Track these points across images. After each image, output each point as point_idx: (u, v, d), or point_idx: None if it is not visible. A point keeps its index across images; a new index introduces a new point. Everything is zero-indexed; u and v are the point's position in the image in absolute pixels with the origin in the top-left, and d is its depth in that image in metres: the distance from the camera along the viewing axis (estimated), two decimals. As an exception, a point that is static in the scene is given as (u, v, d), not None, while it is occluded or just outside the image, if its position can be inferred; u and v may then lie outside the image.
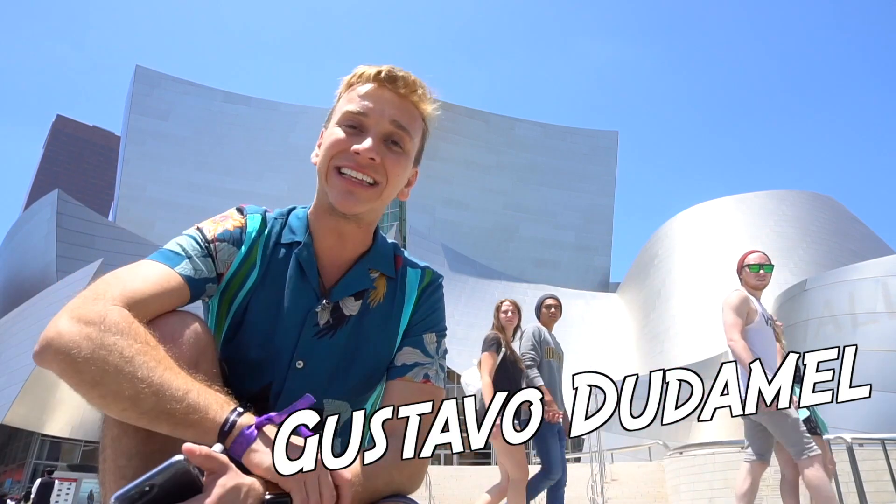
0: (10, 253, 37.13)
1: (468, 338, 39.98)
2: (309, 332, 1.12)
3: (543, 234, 51.69)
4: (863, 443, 7.84)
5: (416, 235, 45.67)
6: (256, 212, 1.20)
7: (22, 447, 28.45)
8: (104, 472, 0.92)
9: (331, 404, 1.14)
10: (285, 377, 1.11)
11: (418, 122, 1.19)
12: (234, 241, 1.14)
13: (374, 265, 1.20)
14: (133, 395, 0.84)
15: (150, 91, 50.44)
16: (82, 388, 0.86)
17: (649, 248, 39.71)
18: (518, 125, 54.98)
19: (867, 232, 35.63)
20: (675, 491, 12.28)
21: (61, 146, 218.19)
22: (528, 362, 4.77)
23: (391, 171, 1.12)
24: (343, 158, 1.10)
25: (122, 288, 0.96)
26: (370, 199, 1.12)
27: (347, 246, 1.18)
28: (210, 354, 1.01)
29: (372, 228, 1.22)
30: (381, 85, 1.14)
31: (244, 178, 49.59)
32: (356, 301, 1.17)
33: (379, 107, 1.13)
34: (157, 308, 0.98)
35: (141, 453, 0.89)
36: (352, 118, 1.13)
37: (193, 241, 1.10)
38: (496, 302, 5.18)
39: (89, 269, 24.63)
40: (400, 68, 1.16)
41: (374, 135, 1.11)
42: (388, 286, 1.21)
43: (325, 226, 1.17)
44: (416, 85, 1.16)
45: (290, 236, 1.18)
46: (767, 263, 4.16)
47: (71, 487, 19.59)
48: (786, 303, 16.26)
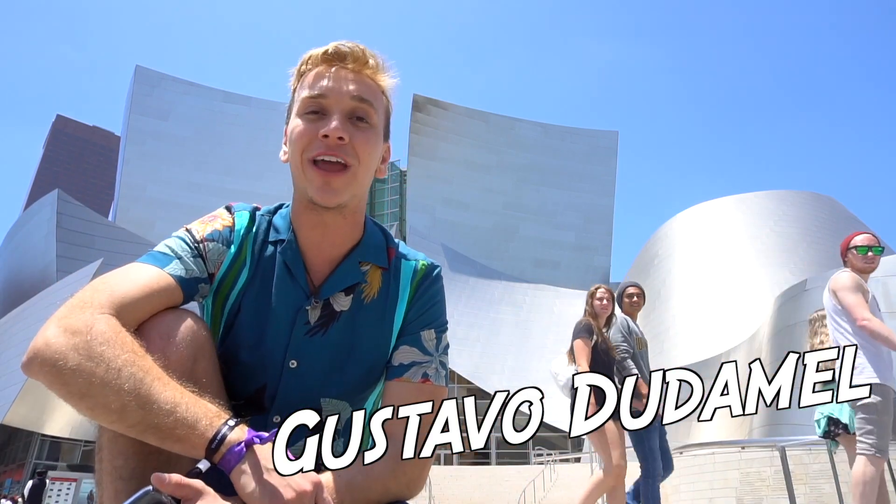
0: (10, 253, 37.15)
1: (468, 338, 40.01)
2: (300, 331, 1.10)
3: (543, 234, 51.66)
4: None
5: (416, 235, 45.67)
6: (245, 209, 1.18)
7: (22, 447, 28.42)
8: (101, 471, 0.91)
9: (329, 403, 1.13)
10: (279, 378, 1.09)
11: (378, 95, 1.13)
12: (224, 240, 1.12)
13: (364, 257, 1.16)
14: (120, 409, 0.82)
15: (150, 91, 50.41)
16: (70, 399, 0.85)
17: (649, 248, 39.70)
18: (518, 125, 54.96)
19: (867, 232, 35.61)
20: (675, 491, 12.27)
21: (61, 146, 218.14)
22: (623, 353, 4.59)
23: (361, 150, 1.08)
24: (314, 147, 1.06)
25: (109, 294, 0.94)
26: (348, 185, 1.07)
27: (335, 240, 1.14)
28: (208, 351, 1.00)
29: (359, 217, 1.17)
30: (331, 63, 1.10)
31: (244, 178, 49.58)
32: (347, 296, 1.14)
33: (336, 85, 1.08)
34: (148, 311, 0.97)
35: (138, 453, 0.88)
36: (311, 103, 1.08)
37: (182, 241, 1.08)
38: (590, 289, 4.82)
39: (89, 269, 24.62)
40: (347, 42, 1.11)
41: (338, 114, 1.07)
42: (382, 280, 1.17)
43: (308, 221, 1.13)
44: (367, 55, 1.11)
45: (275, 235, 1.16)
46: (877, 245, 3.70)
47: (70, 488, 19.60)
48: (786, 303, 16.26)
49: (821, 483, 8.93)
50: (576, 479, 16.03)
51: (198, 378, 0.95)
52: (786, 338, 15.33)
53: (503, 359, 36.88)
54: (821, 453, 8.88)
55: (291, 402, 1.10)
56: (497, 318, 41.08)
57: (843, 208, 37.14)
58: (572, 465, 20.43)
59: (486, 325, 39.82)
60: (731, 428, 18.90)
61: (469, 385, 34.39)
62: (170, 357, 0.92)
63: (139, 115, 49.41)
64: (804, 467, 9.19)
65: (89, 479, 20.12)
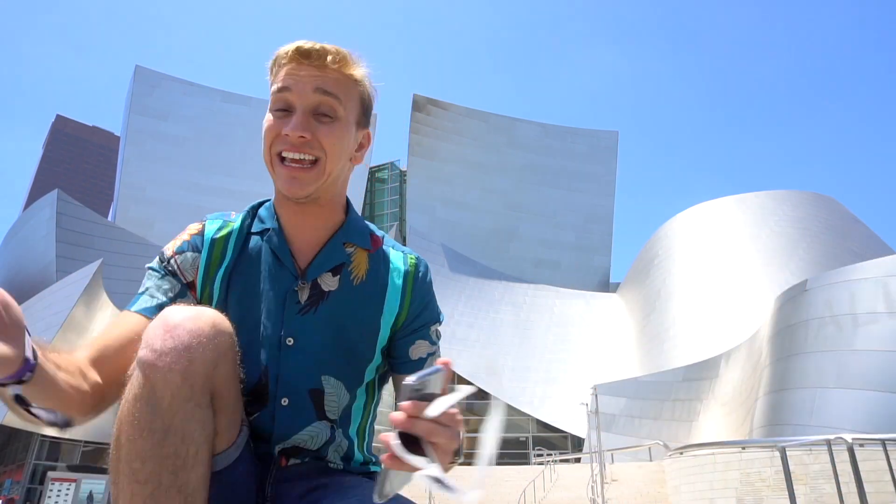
0: (9, 253, 37.13)
1: (468, 338, 39.98)
2: (292, 310, 1.14)
3: (543, 234, 51.67)
4: (863, 443, 7.82)
5: (416, 235, 45.68)
6: (218, 217, 1.24)
7: (22, 447, 28.39)
8: (117, 472, 0.90)
9: (328, 382, 1.15)
10: (279, 356, 1.13)
11: (347, 85, 1.15)
12: (193, 247, 1.18)
13: (348, 238, 1.21)
14: None
15: (150, 91, 50.40)
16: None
17: (649, 248, 39.73)
18: (518, 125, 54.97)
19: (867, 232, 35.63)
20: (676, 491, 12.28)
21: (61, 146, 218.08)
22: None
23: (326, 143, 1.11)
24: (279, 144, 1.11)
25: (85, 349, 1.05)
26: (315, 179, 1.11)
27: (316, 223, 1.19)
28: (230, 356, 0.99)
29: (338, 202, 1.22)
30: (298, 62, 1.12)
31: (244, 178, 49.57)
32: (334, 277, 1.17)
33: (300, 79, 1.11)
34: (125, 355, 1.01)
35: (156, 456, 0.88)
36: (277, 99, 1.12)
37: (151, 270, 1.17)
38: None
39: (89, 269, 24.63)
40: (314, 42, 1.13)
41: (300, 111, 1.10)
42: (370, 262, 1.21)
43: (288, 210, 1.18)
44: (331, 52, 1.12)
45: (259, 225, 1.20)
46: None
47: (70, 488, 19.59)
48: (786, 303, 16.25)
49: (821, 483, 8.92)
50: (576, 479, 16.02)
51: (217, 383, 0.95)
52: (786, 338, 15.32)
53: (503, 359, 36.86)
54: (821, 453, 8.88)
55: (295, 382, 1.13)
56: (497, 318, 41.06)
57: (843, 208, 37.14)
58: (572, 466, 20.42)
59: (486, 325, 39.79)
60: (730, 428, 18.91)
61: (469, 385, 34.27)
62: (195, 358, 0.91)
63: (139, 116, 49.39)
64: (804, 467, 9.18)
65: (89, 480, 20.13)
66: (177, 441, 0.89)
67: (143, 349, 0.92)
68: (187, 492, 0.91)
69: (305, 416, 1.14)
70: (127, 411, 0.90)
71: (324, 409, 1.16)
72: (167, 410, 0.89)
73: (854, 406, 12.41)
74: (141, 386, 0.90)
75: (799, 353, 14.45)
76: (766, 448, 10.02)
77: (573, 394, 31.30)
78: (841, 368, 13.11)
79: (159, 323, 0.94)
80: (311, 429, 1.15)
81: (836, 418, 12.38)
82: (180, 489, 0.90)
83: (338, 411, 1.17)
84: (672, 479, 12.79)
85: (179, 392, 0.90)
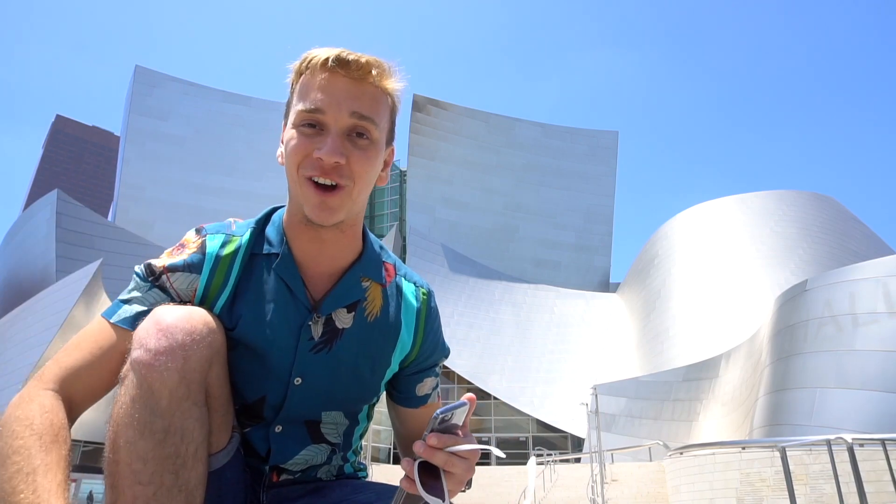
0: (9, 253, 37.09)
1: (468, 338, 39.97)
2: (305, 347, 1.08)
3: (543, 234, 51.65)
4: (863, 443, 7.81)
5: (416, 235, 45.66)
6: (219, 231, 1.12)
7: (22, 447, 28.40)
8: (115, 474, 0.89)
9: (328, 416, 1.15)
10: (284, 394, 1.09)
11: (382, 104, 1.07)
12: (190, 267, 1.08)
13: (365, 273, 1.14)
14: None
15: (150, 91, 50.36)
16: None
17: (649, 248, 39.69)
18: (518, 125, 54.94)
19: (868, 232, 35.63)
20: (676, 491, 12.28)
21: (61, 146, 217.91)
22: None
23: (359, 169, 1.03)
24: (308, 166, 1.02)
25: (57, 366, 0.99)
26: (345, 205, 1.04)
27: (334, 254, 1.11)
28: (223, 357, 1.00)
29: (356, 230, 1.14)
30: (332, 73, 1.03)
31: (244, 178, 49.58)
32: (349, 313, 1.11)
33: (335, 100, 1.02)
34: (98, 373, 0.99)
35: (157, 457, 0.88)
36: (308, 117, 1.02)
37: (137, 278, 1.08)
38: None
39: (89, 270, 24.58)
40: (350, 51, 1.04)
41: (335, 133, 1.02)
42: (383, 297, 1.16)
43: (304, 234, 1.09)
44: (371, 65, 1.04)
45: (267, 248, 1.11)
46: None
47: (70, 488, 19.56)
48: (786, 303, 16.24)
49: (821, 483, 8.92)
50: (576, 479, 16.02)
51: (210, 383, 0.96)
52: (786, 338, 15.31)
53: (503, 359, 36.84)
54: (821, 454, 8.87)
55: (295, 415, 1.12)
56: (497, 318, 41.02)
57: (843, 208, 37.11)
58: (572, 465, 20.41)
59: (486, 325, 39.75)
60: (730, 428, 18.91)
61: (469, 385, 34.35)
62: (190, 356, 0.91)
63: (139, 116, 49.36)
64: (804, 468, 9.18)
65: (89, 480, 20.08)
66: (177, 440, 0.89)
67: (137, 350, 0.90)
68: (188, 490, 0.90)
69: (300, 442, 1.14)
70: (124, 413, 0.89)
71: (320, 435, 1.15)
72: (166, 410, 0.88)
73: (854, 406, 12.40)
74: (137, 387, 0.88)
75: (799, 353, 14.44)
76: (766, 448, 10.01)
77: (573, 394, 31.31)
78: (841, 368, 13.10)
79: (152, 323, 0.93)
80: (305, 453, 1.14)
81: (836, 418, 12.37)
82: (181, 489, 0.89)
83: (339, 436, 1.18)
84: (672, 479, 12.78)
85: (177, 391, 0.89)
